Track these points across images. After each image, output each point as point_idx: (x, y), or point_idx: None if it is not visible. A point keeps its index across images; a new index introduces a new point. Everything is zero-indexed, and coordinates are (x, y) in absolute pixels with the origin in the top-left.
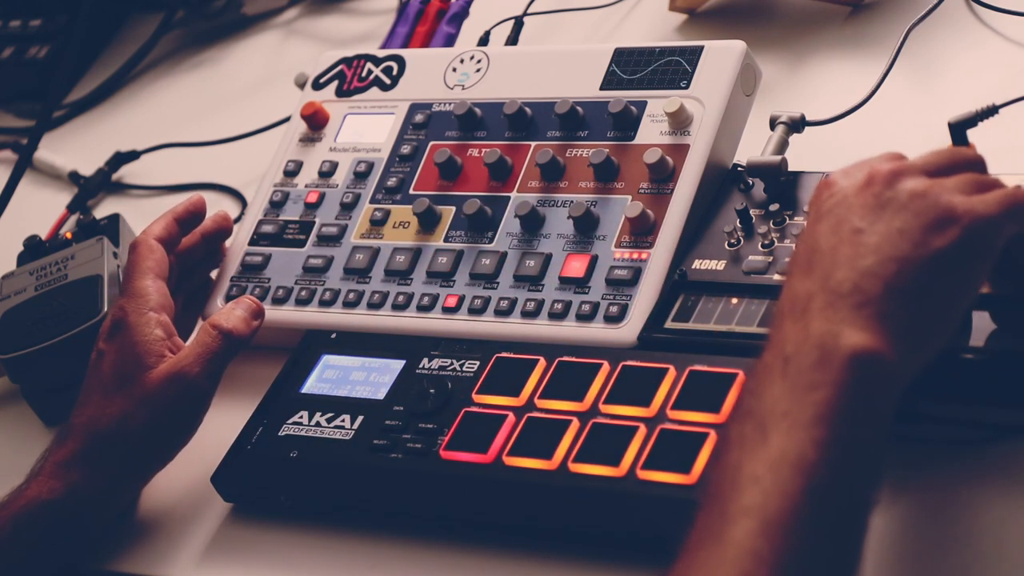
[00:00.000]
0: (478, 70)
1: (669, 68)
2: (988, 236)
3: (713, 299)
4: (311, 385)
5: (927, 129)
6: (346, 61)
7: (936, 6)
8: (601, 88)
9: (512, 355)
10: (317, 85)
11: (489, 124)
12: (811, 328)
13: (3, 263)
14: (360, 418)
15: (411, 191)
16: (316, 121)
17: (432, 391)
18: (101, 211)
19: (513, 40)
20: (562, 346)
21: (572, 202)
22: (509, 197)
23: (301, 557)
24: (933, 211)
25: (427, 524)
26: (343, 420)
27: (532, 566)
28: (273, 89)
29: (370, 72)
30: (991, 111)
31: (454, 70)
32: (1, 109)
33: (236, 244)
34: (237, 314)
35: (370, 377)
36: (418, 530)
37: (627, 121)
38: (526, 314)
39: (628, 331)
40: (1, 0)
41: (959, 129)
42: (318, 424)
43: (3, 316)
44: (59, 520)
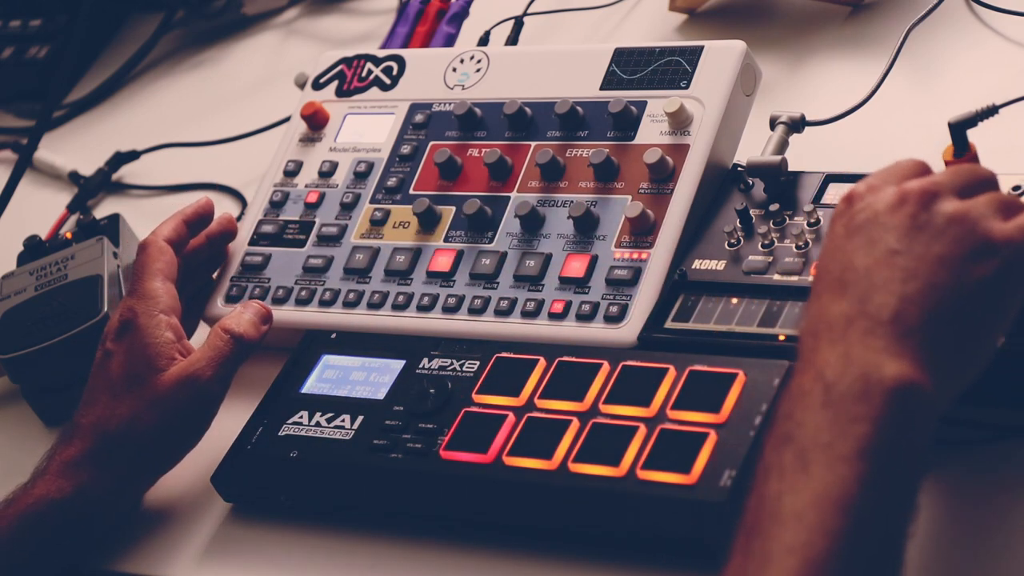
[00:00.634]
0: (478, 70)
1: (669, 68)
2: None
3: (713, 299)
4: (311, 385)
5: (927, 129)
6: (346, 61)
7: (936, 6)
8: (601, 88)
9: (512, 355)
10: (317, 85)
11: (489, 124)
12: (852, 355)
13: (3, 263)
14: (360, 418)
15: (411, 191)
16: (316, 121)
17: (432, 391)
18: (101, 211)
19: (513, 40)
20: (562, 346)
21: (572, 202)
22: (509, 197)
23: (301, 557)
24: (971, 239)
25: (427, 524)
26: (343, 420)
27: (532, 566)
28: (273, 89)
29: (370, 72)
30: (991, 111)
31: (454, 70)
32: (1, 109)
33: (236, 244)
34: (247, 318)
35: (370, 377)
36: (418, 530)
37: (627, 121)
38: (526, 314)
39: (628, 331)
40: (1, 0)
41: (959, 129)
42: (318, 424)
43: (3, 316)
44: (67, 520)
